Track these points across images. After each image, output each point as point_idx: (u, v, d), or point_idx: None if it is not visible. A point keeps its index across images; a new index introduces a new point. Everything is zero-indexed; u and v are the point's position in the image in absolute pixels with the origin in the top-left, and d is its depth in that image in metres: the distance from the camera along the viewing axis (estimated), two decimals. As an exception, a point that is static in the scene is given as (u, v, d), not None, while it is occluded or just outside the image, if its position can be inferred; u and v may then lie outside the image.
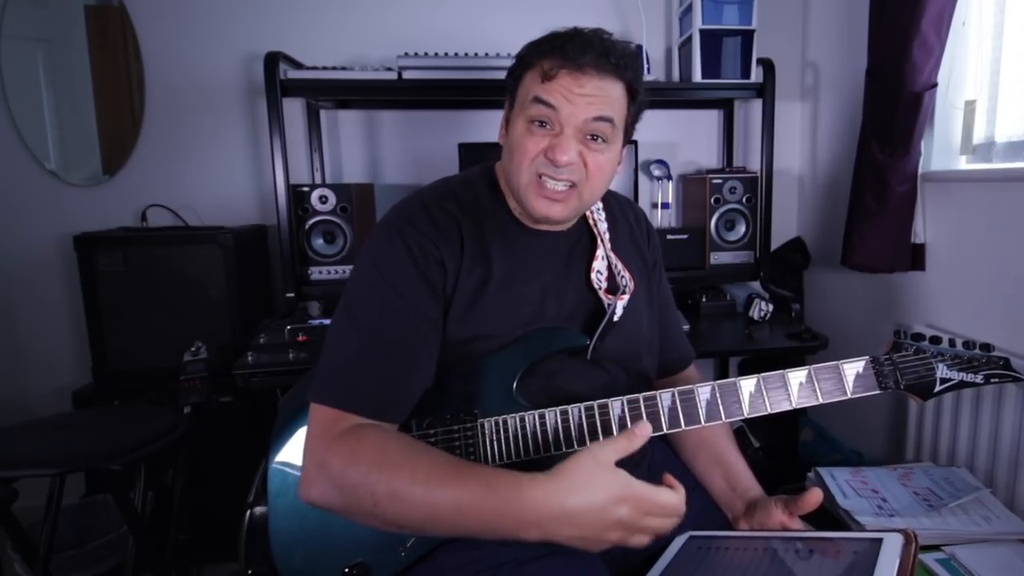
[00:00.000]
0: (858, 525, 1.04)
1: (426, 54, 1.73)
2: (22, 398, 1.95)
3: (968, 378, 0.82)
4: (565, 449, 0.79)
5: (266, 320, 1.65)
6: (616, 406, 0.80)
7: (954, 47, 1.42)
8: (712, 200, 1.87)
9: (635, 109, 0.84)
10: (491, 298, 0.82)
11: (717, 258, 1.91)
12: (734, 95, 1.96)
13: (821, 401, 0.80)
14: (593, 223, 0.92)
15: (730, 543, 0.80)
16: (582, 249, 0.91)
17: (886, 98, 1.45)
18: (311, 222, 1.73)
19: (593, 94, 0.78)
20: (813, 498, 0.81)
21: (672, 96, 1.98)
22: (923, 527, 1.01)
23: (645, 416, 0.79)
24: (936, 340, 0.84)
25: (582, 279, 0.89)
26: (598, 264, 0.89)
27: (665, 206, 2.08)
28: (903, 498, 1.12)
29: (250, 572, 0.86)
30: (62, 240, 1.84)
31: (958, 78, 1.46)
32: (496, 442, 0.80)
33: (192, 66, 1.91)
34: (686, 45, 1.90)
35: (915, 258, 1.51)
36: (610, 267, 0.90)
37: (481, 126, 2.01)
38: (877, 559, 0.65)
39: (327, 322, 1.54)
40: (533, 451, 0.80)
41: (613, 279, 0.90)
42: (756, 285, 1.97)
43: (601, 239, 0.91)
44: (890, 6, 1.42)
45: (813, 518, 0.84)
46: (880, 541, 0.68)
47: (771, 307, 1.78)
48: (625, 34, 1.99)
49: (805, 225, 2.14)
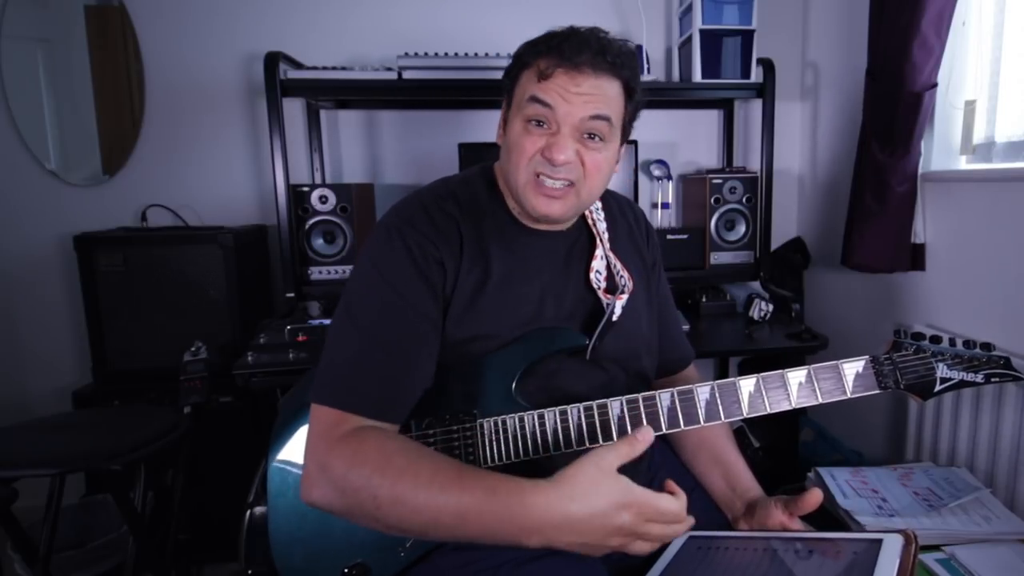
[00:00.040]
0: (858, 525, 1.03)
1: (426, 54, 1.73)
2: (22, 398, 1.95)
3: (968, 377, 0.82)
4: (564, 450, 0.79)
5: (266, 320, 1.65)
6: (615, 406, 0.79)
7: (954, 47, 1.42)
8: (712, 200, 1.87)
9: (632, 108, 0.84)
10: (490, 298, 0.82)
11: (717, 258, 1.91)
12: (734, 95, 1.96)
13: (821, 401, 0.79)
14: (592, 223, 0.92)
15: (730, 543, 0.80)
16: (581, 249, 0.91)
17: (886, 98, 1.45)
18: (311, 222, 1.73)
19: (590, 93, 0.78)
20: (813, 498, 0.80)
21: (672, 96, 1.98)
22: (923, 527, 1.01)
23: (644, 416, 0.79)
24: (936, 339, 0.84)
25: (581, 279, 0.89)
26: (597, 264, 0.89)
27: (665, 206, 2.08)
28: (903, 498, 1.12)
29: (250, 572, 0.86)
30: (62, 240, 1.84)
31: (958, 78, 1.46)
32: (495, 442, 0.80)
33: (192, 66, 1.91)
34: (686, 45, 1.90)
35: (915, 258, 1.51)
36: (609, 267, 0.90)
37: (481, 126, 2.01)
38: (877, 559, 0.65)
39: (327, 322, 1.55)
40: (532, 451, 0.80)
41: (612, 279, 0.90)
42: (756, 285, 1.97)
43: (600, 239, 0.91)
44: (890, 6, 1.42)
45: (813, 518, 0.84)
46: (880, 541, 0.68)
47: (771, 307, 1.78)
48: (625, 34, 1.97)
49: (805, 225, 2.14)
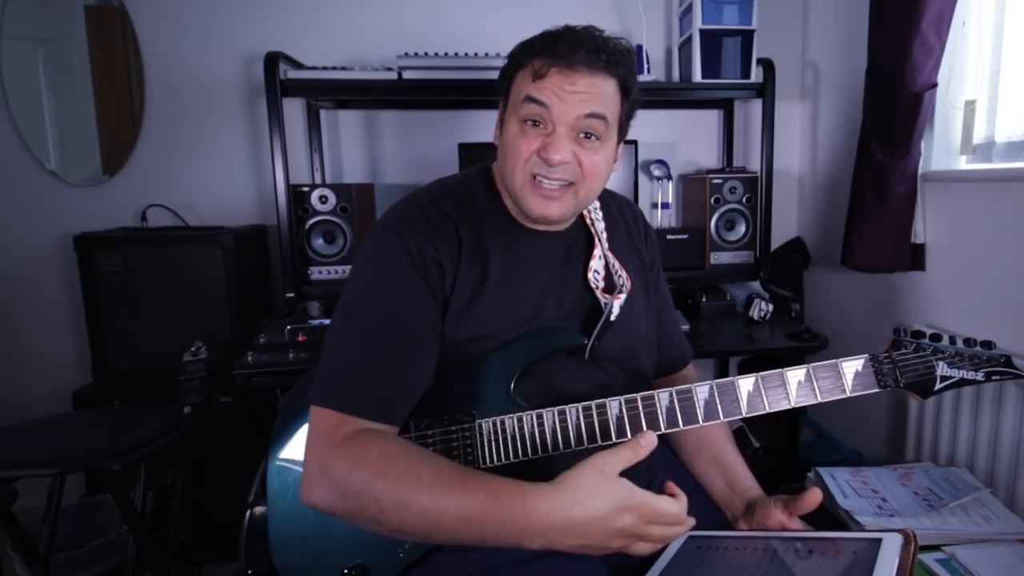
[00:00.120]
0: (858, 525, 1.03)
1: (426, 54, 1.73)
2: (22, 398, 1.95)
3: (969, 376, 0.81)
4: (563, 450, 0.79)
5: (266, 320, 1.65)
6: (614, 406, 0.79)
7: (954, 47, 1.42)
8: (712, 200, 1.87)
9: (629, 106, 0.84)
10: (489, 298, 0.82)
11: (717, 258, 1.91)
12: (734, 95, 1.96)
13: (820, 400, 0.79)
14: (590, 222, 0.92)
15: (729, 543, 0.80)
16: (579, 249, 0.91)
17: (886, 98, 1.45)
18: (311, 222, 1.74)
19: (585, 91, 0.77)
20: (812, 498, 0.80)
21: (672, 96, 1.98)
22: (923, 527, 1.01)
23: (643, 416, 0.79)
24: (936, 338, 0.84)
25: (579, 279, 0.89)
26: (595, 263, 0.88)
27: (665, 206, 2.08)
28: (903, 498, 1.12)
29: (250, 572, 0.86)
30: (62, 240, 1.84)
31: (958, 78, 1.45)
32: (494, 443, 0.80)
33: (192, 66, 1.91)
34: (686, 45, 1.90)
35: (915, 258, 1.51)
36: (607, 266, 0.90)
37: (481, 126, 2.01)
38: (876, 559, 0.65)
39: (327, 322, 1.55)
40: (531, 452, 0.79)
41: (610, 278, 0.90)
42: (756, 285, 1.97)
43: (598, 238, 0.91)
44: (890, 6, 1.42)
45: (813, 518, 0.84)
46: (879, 541, 0.68)
47: (771, 307, 1.78)
48: (625, 34, 1.96)
49: (805, 225, 2.14)
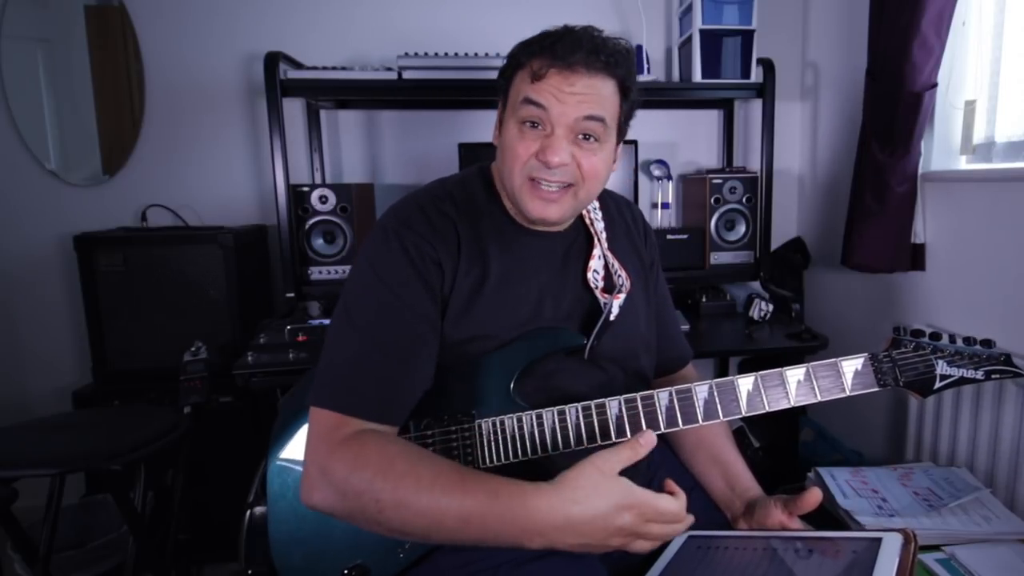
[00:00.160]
0: (858, 525, 1.03)
1: (426, 54, 1.73)
2: (22, 398, 1.95)
3: (968, 374, 0.81)
4: (563, 450, 0.79)
5: (266, 320, 1.65)
6: (614, 406, 0.79)
7: (954, 47, 1.42)
8: (712, 200, 1.87)
9: (628, 107, 0.84)
10: (488, 299, 0.82)
11: (717, 258, 1.91)
12: (734, 95, 1.96)
13: (819, 399, 0.79)
14: (590, 222, 0.92)
15: (729, 543, 0.80)
16: (579, 248, 0.91)
17: (886, 98, 1.45)
18: (311, 222, 1.74)
19: (583, 92, 0.77)
20: (812, 498, 0.80)
21: (672, 96, 1.98)
22: (923, 527, 1.01)
23: (643, 415, 0.79)
24: (936, 336, 0.84)
25: (579, 279, 0.89)
26: (595, 263, 0.88)
27: (665, 206, 2.08)
28: (903, 498, 1.12)
29: (250, 572, 0.86)
30: (62, 240, 1.84)
31: (958, 78, 1.45)
32: (493, 443, 0.80)
33: (192, 66, 1.91)
34: (686, 45, 1.90)
35: (915, 258, 1.51)
36: (607, 266, 0.90)
37: (481, 126, 2.01)
38: (876, 558, 0.65)
39: (327, 322, 1.55)
40: (531, 452, 0.79)
41: (610, 278, 0.90)
42: (756, 285, 1.97)
43: (598, 238, 0.91)
44: (890, 6, 1.42)
45: (813, 518, 0.84)
46: (879, 541, 0.68)
47: (771, 307, 1.78)
48: (625, 34, 1.96)
49: (805, 225, 2.14)
